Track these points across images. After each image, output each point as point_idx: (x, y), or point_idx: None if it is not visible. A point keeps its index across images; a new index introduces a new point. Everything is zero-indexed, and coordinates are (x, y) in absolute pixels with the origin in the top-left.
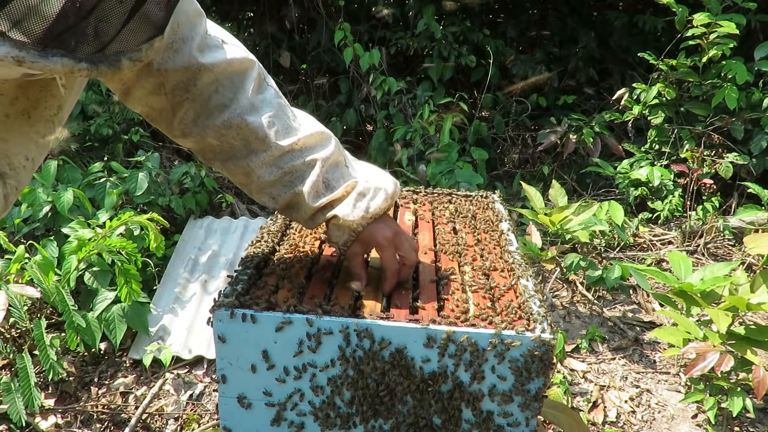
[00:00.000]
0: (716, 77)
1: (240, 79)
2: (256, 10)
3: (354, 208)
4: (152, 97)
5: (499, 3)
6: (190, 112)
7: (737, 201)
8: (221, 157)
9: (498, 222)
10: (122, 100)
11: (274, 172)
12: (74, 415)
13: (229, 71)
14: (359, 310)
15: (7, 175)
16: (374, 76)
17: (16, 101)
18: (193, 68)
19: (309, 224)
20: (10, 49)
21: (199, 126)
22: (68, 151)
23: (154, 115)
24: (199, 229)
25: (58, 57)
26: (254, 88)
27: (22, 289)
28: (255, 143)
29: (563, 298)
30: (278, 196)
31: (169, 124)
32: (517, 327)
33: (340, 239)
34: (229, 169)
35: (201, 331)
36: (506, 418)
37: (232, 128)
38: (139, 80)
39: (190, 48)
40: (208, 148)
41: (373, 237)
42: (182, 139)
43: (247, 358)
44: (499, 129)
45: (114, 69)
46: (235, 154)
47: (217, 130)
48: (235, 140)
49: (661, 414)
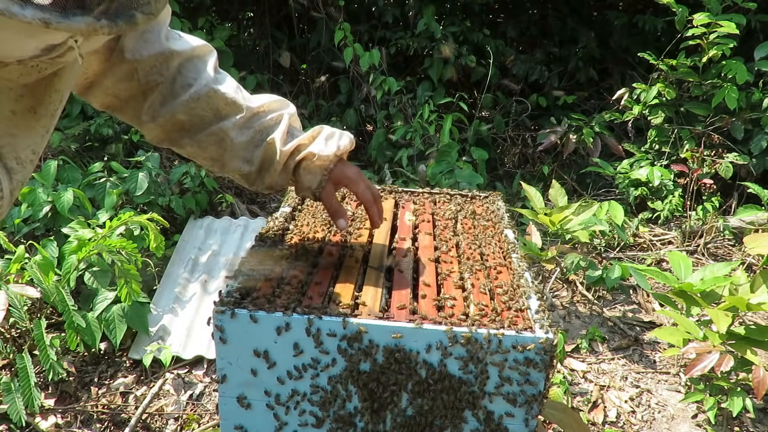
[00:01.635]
0: (716, 77)
1: (201, 61)
2: (256, 10)
3: (326, 145)
4: (122, 84)
5: (499, 3)
6: (159, 95)
7: (737, 201)
8: (192, 132)
9: (498, 222)
10: (81, 94)
11: (246, 133)
12: (74, 415)
13: (193, 55)
14: (359, 309)
15: (14, 170)
16: (374, 76)
17: (22, 98)
18: (165, 53)
19: (281, 177)
20: (35, 11)
21: (167, 107)
22: (68, 151)
23: (118, 105)
24: (199, 229)
25: (80, 17)
26: (213, 68)
27: (22, 289)
28: (225, 109)
29: (563, 298)
30: (252, 157)
31: (137, 111)
32: (517, 327)
33: (314, 182)
34: (200, 142)
35: (201, 331)
36: (506, 418)
37: (201, 99)
38: (111, 69)
39: (159, 37)
40: (177, 127)
41: (344, 174)
42: (151, 123)
43: (247, 358)
44: (499, 129)
45: (131, 23)
46: (206, 124)
47: (185, 105)
48: (204, 111)
49: (661, 414)
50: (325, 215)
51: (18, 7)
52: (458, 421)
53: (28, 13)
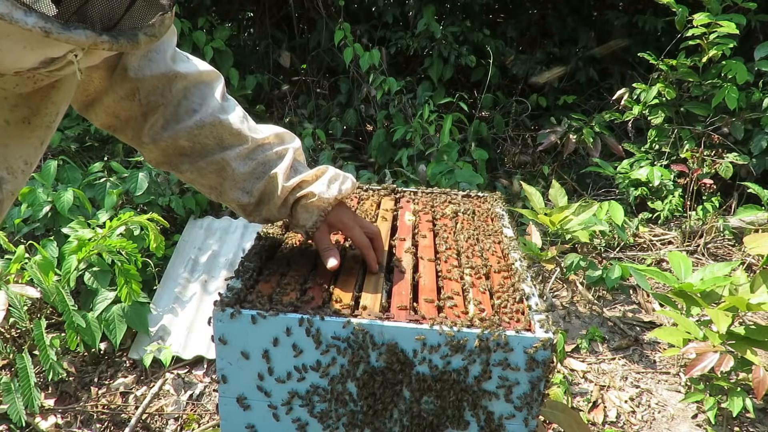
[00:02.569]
0: (716, 77)
1: (208, 87)
2: (256, 10)
3: (328, 188)
4: (123, 103)
5: (499, 3)
6: (161, 118)
7: (737, 201)
8: (192, 158)
9: (498, 222)
10: (82, 111)
11: (248, 164)
12: (74, 415)
13: (200, 80)
14: (359, 310)
15: (4, 180)
16: (374, 76)
17: (17, 108)
18: (169, 75)
19: (280, 212)
20: (38, 20)
21: (169, 131)
22: (68, 151)
23: (118, 125)
24: (199, 229)
25: (81, 30)
26: (221, 95)
27: (22, 289)
28: (228, 139)
29: (563, 298)
30: (252, 189)
31: (138, 132)
32: (517, 327)
33: (309, 221)
34: (200, 169)
35: (201, 331)
36: (506, 418)
37: (205, 127)
38: (112, 87)
39: (165, 57)
40: (178, 151)
41: (339, 218)
42: (151, 145)
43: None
44: (499, 129)
45: (132, 43)
46: (208, 152)
47: (189, 131)
48: (207, 139)
49: (661, 414)
50: None
51: (21, 13)
52: (458, 421)
53: (30, 20)
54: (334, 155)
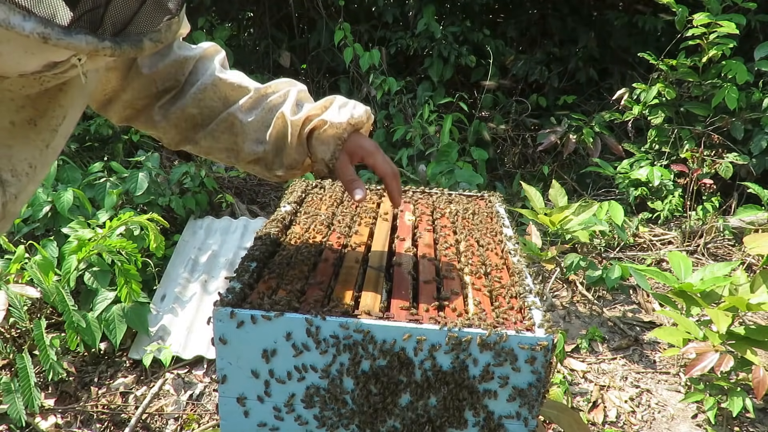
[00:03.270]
0: (716, 77)
1: (209, 59)
2: (256, 10)
3: (339, 113)
4: (141, 94)
5: (499, 3)
6: (171, 96)
7: (737, 201)
8: (204, 125)
9: (498, 222)
10: (100, 110)
11: (255, 113)
12: (74, 415)
13: (203, 56)
14: (359, 309)
15: (8, 183)
16: (374, 76)
17: (23, 109)
18: (180, 60)
19: (299, 152)
20: (36, 25)
21: (177, 104)
22: (68, 151)
23: (135, 115)
24: (199, 229)
25: (83, 35)
26: (220, 62)
27: (22, 289)
28: (232, 95)
29: (563, 298)
30: (265, 137)
31: (150, 114)
32: (517, 327)
33: (327, 152)
34: (212, 132)
35: (201, 331)
36: (506, 417)
37: (207, 89)
38: (130, 84)
39: (172, 48)
40: (191, 122)
41: (360, 144)
42: (164, 123)
43: (248, 358)
44: (499, 129)
45: (136, 49)
46: (216, 113)
47: (194, 97)
48: (212, 101)
49: (661, 414)
50: (325, 215)
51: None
52: (458, 420)
53: (28, 25)
54: None
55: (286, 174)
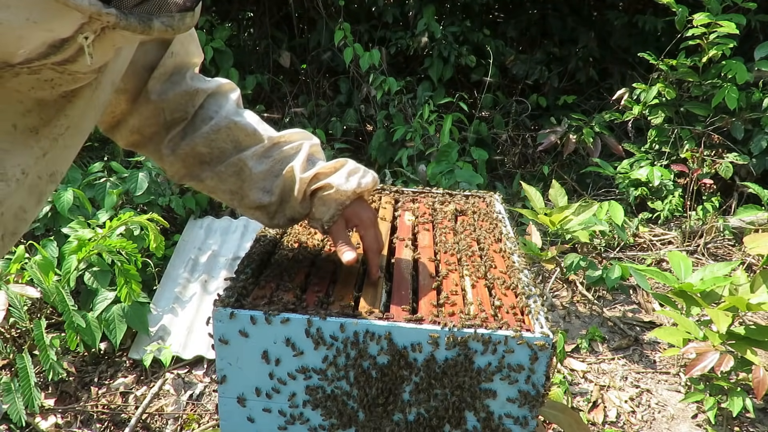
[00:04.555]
0: (716, 77)
1: (224, 96)
2: (256, 10)
3: (347, 180)
4: (148, 121)
5: (499, 3)
6: (181, 130)
7: (737, 201)
8: (212, 165)
9: (497, 222)
10: (107, 132)
11: (265, 162)
12: (74, 415)
13: (217, 91)
14: (359, 309)
15: None
16: (374, 76)
17: (29, 114)
18: (191, 92)
19: (303, 207)
20: None
21: (187, 140)
22: None
23: (143, 142)
24: (199, 229)
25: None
26: (236, 102)
27: (22, 289)
28: (245, 140)
29: (563, 298)
30: (272, 187)
31: (158, 145)
32: (517, 326)
33: (326, 214)
34: (219, 173)
35: (201, 331)
36: (506, 418)
37: (221, 131)
38: (137, 109)
39: (185, 78)
40: (198, 159)
41: (358, 214)
42: (172, 157)
43: (248, 358)
44: (499, 129)
45: (144, 26)
46: (225, 155)
47: (206, 137)
48: (225, 143)
49: (661, 414)
50: None
51: None
52: (458, 420)
53: None
54: (334, 155)
55: (286, 225)
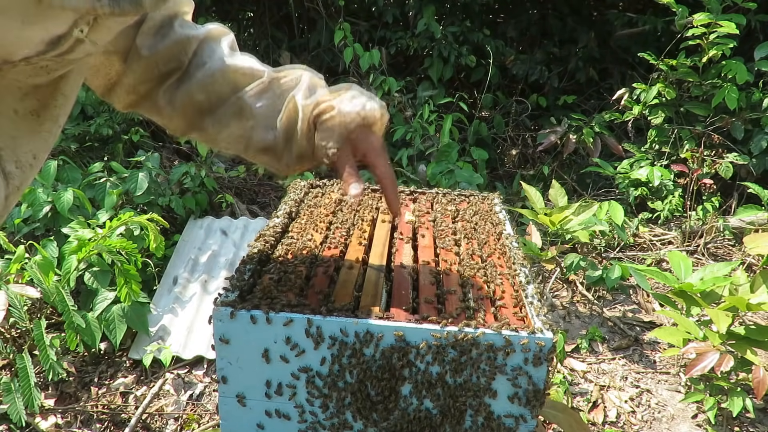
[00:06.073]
0: (716, 77)
1: (216, 41)
2: (256, 10)
3: (351, 102)
4: (143, 77)
5: (499, 3)
6: (175, 80)
7: (737, 201)
8: (212, 111)
9: (498, 222)
10: (104, 95)
11: (266, 98)
12: (74, 415)
13: (209, 37)
14: (359, 309)
15: (12, 174)
16: (374, 76)
17: (27, 98)
18: (182, 40)
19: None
20: None
21: (182, 89)
22: (68, 151)
23: (140, 101)
24: (199, 229)
25: None
26: (229, 45)
27: (22, 289)
28: (242, 81)
29: (563, 298)
30: (275, 124)
31: (155, 100)
32: (517, 326)
33: (330, 140)
34: (220, 118)
35: (201, 331)
36: (506, 417)
37: (216, 75)
38: (130, 67)
39: (174, 28)
40: (197, 109)
41: (368, 140)
42: (169, 109)
43: (248, 358)
44: (499, 129)
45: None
46: (225, 98)
47: (201, 83)
48: (221, 86)
49: (661, 414)
50: (325, 215)
51: None
52: (458, 420)
53: None
54: None
55: (295, 165)
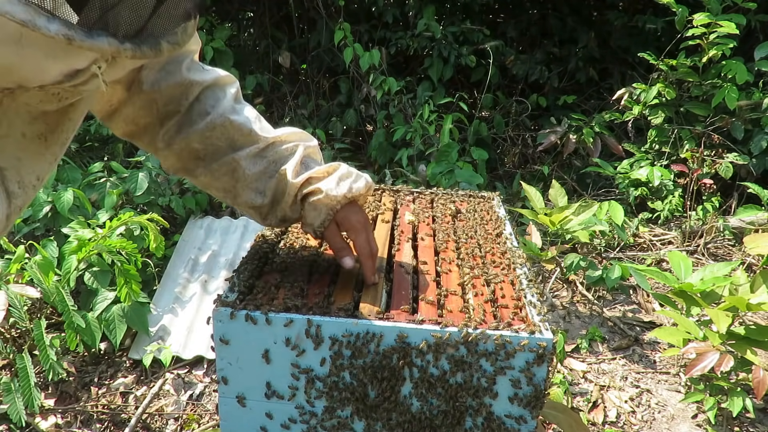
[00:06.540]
0: (716, 77)
1: (221, 90)
2: (256, 10)
3: (338, 185)
4: (142, 111)
5: (499, 3)
6: (176, 123)
7: (737, 201)
8: (205, 161)
9: (498, 222)
10: (104, 120)
11: (260, 163)
12: (74, 415)
13: (214, 84)
14: (359, 309)
15: (15, 194)
16: (374, 76)
17: (35, 122)
18: (185, 83)
19: (293, 210)
20: (60, 27)
21: (182, 134)
22: (68, 151)
23: (138, 132)
24: (199, 229)
25: (104, 37)
26: (234, 97)
27: (22, 289)
28: (240, 140)
29: (563, 298)
30: (264, 188)
31: (153, 137)
32: (517, 327)
33: (317, 219)
34: (213, 171)
35: (201, 331)
36: (506, 417)
37: (216, 129)
38: (131, 98)
39: (180, 68)
40: (193, 155)
41: (348, 219)
42: (166, 150)
43: (248, 358)
44: (499, 129)
45: (155, 50)
46: (220, 154)
47: (201, 134)
48: (219, 140)
49: (661, 414)
50: None
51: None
52: (458, 420)
53: (53, 27)
54: (334, 155)
55: (279, 225)
